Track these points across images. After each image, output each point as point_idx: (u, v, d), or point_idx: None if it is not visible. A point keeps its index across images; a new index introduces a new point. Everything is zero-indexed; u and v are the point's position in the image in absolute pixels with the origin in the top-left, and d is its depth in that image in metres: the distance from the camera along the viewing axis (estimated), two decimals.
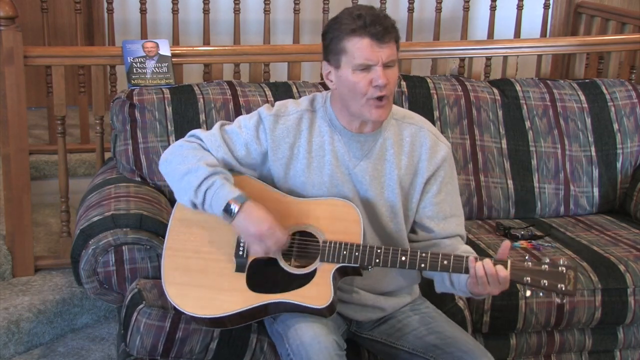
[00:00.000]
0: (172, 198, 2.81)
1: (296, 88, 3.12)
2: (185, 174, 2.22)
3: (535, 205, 3.22)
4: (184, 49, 3.36)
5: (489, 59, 3.93)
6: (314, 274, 2.16)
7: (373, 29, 2.09)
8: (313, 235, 2.21)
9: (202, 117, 2.98)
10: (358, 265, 2.16)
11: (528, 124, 3.25)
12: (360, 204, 2.26)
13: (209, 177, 2.19)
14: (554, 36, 4.75)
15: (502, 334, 2.71)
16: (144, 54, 3.17)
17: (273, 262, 2.20)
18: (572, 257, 2.82)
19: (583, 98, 3.33)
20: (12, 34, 3.13)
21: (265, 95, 3.07)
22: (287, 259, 2.22)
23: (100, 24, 4.69)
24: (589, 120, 3.30)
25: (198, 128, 2.91)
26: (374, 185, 2.26)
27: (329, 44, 2.18)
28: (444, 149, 2.29)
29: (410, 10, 4.60)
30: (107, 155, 3.23)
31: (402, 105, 3.13)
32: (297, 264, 2.21)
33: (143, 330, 2.31)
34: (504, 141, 3.23)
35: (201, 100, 3.00)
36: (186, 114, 2.98)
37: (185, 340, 2.32)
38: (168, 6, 4.40)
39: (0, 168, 3.55)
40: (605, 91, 3.36)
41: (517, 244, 2.94)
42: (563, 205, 3.24)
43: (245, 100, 3.03)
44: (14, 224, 3.30)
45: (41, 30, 4.28)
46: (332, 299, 2.12)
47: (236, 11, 4.40)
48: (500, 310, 2.63)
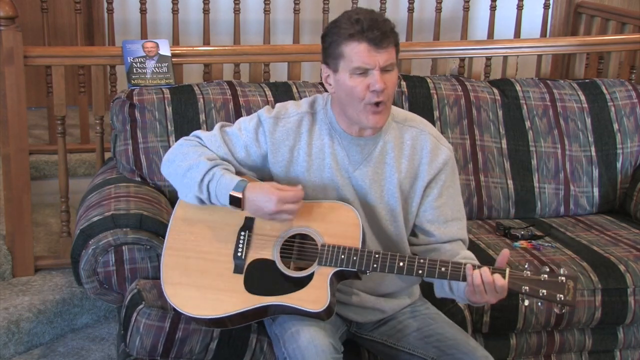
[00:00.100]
0: (172, 198, 2.83)
1: (296, 88, 3.12)
2: (187, 170, 2.23)
3: (535, 205, 3.22)
4: (184, 49, 3.36)
5: (489, 59, 3.93)
6: (311, 277, 2.16)
7: (371, 34, 2.08)
8: (312, 238, 2.21)
9: (202, 117, 2.98)
10: (356, 269, 2.15)
11: (528, 124, 3.25)
12: (360, 207, 2.25)
13: (210, 170, 2.20)
14: (554, 36, 4.75)
15: (502, 334, 2.71)
16: (144, 54, 3.17)
17: (271, 264, 2.20)
18: (572, 257, 2.82)
19: (583, 98, 3.33)
20: (12, 34, 3.13)
21: (265, 95, 3.06)
22: (287, 261, 2.21)
23: (100, 24, 4.69)
24: (589, 120, 3.30)
25: (198, 128, 2.94)
26: (374, 189, 2.25)
27: (327, 47, 2.17)
28: (445, 153, 2.27)
29: (410, 10, 4.60)
30: (107, 155, 3.23)
31: (402, 106, 3.13)
32: (296, 266, 2.20)
33: (143, 330, 2.31)
34: (504, 141, 3.22)
35: (201, 100, 3.00)
36: (186, 114, 2.98)
37: (185, 340, 2.32)
38: (168, 6, 4.40)
39: (0, 168, 3.55)
40: (605, 91, 3.36)
41: (517, 244, 2.94)
42: (563, 205, 3.24)
43: (245, 100, 3.03)
44: (14, 224, 3.30)
45: (41, 30, 4.28)
46: (329, 303, 2.11)
47: (236, 11, 4.40)
48: (500, 310, 2.63)
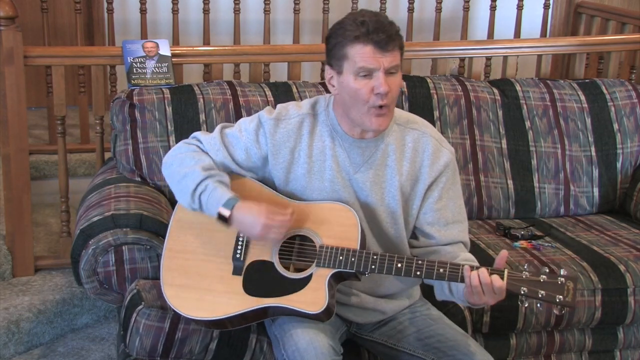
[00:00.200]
0: (172, 198, 2.82)
1: (296, 88, 3.12)
2: (183, 178, 2.23)
3: (535, 205, 3.22)
4: (184, 49, 3.36)
5: (489, 59, 3.93)
6: (309, 278, 2.15)
7: (376, 37, 2.07)
8: (311, 239, 2.21)
9: (202, 117, 2.98)
10: (354, 271, 2.14)
11: (528, 124, 3.25)
12: (360, 209, 2.25)
13: (203, 181, 2.20)
14: (554, 36, 4.75)
15: (502, 334, 2.71)
16: (144, 54, 3.17)
17: (270, 266, 2.20)
18: (572, 257, 2.82)
19: (583, 98, 3.33)
20: (12, 34, 3.13)
21: (265, 95, 3.06)
22: (286, 262, 2.21)
23: (100, 24, 4.69)
24: (589, 120, 3.30)
25: (198, 128, 2.95)
26: (375, 191, 2.24)
27: (332, 49, 2.15)
28: (446, 155, 2.26)
29: (410, 10, 4.60)
30: (107, 155, 3.23)
31: (402, 106, 3.13)
32: (296, 267, 2.20)
33: (142, 331, 2.31)
34: (504, 141, 3.22)
35: (201, 100, 3.00)
36: (186, 114, 2.97)
37: (184, 340, 2.32)
38: (168, 6, 4.40)
39: (0, 168, 3.55)
40: (605, 91, 3.36)
41: (517, 244, 2.94)
42: (563, 205, 3.24)
43: (245, 100, 3.03)
44: (14, 224, 3.30)
45: (41, 30, 4.28)
46: (327, 305, 2.10)
47: (236, 11, 4.41)
48: (500, 310, 2.63)
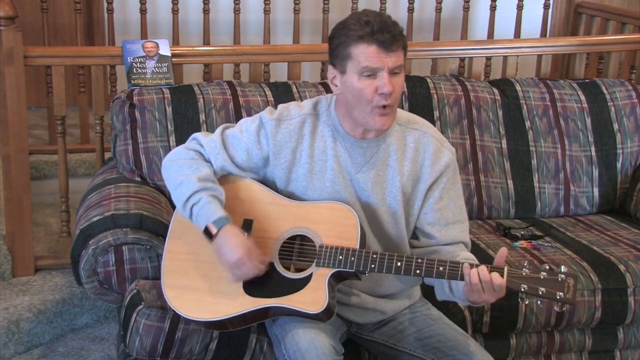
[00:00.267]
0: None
1: (296, 88, 3.12)
2: (178, 185, 2.24)
3: (535, 205, 3.22)
4: (184, 49, 3.36)
5: (489, 59, 3.93)
6: (309, 278, 2.15)
7: (381, 37, 2.07)
8: (310, 239, 2.20)
9: (202, 117, 2.98)
10: (353, 270, 2.14)
11: (528, 124, 3.25)
12: (361, 209, 2.25)
13: (197, 193, 2.20)
14: (554, 36, 4.75)
15: (502, 334, 2.71)
16: (144, 54, 3.17)
17: (270, 266, 2.20)
18: (572, 257, 2.82)
19: (583, 98, 3.33)
20: (12, 34, 3.13)
21: (265, 95, 3.06)
22: (286, 262, 2.21)
23: (100, 24, 4.69)
24: (589, 120, 3.30)
25: (198, 128, 2.95)
26: (376, 192, 2.25)
27: (335, 48, 2.15)
28: (447, 155, 2.27)
29: (410, 10, 4.60)
30: (107, 155, 3.23)
31: (402, 106, 3.13)
32: (296, 268, 2.20)
33: (142, 331, 2.31)
34: (504, 141, 3.22)
35: (201, 100, 3.00)
36: (186, 114, 2.97)
37: (184, 340, 2.32)
38: (168, 6, 4.40)
39: (0, 168, 3.55)
40: (605, 91, 3.36)
41: (517, 244, 2.94)
42: (563, 205, 3.24)
43: (245, 100, 3.03)
44: (14, 224, 3.30)
45: (41, 30, 4.28)
46: (327, 304, 2.10)
47: (236, 11, 4.41)
48: (501, 310, 2.63)
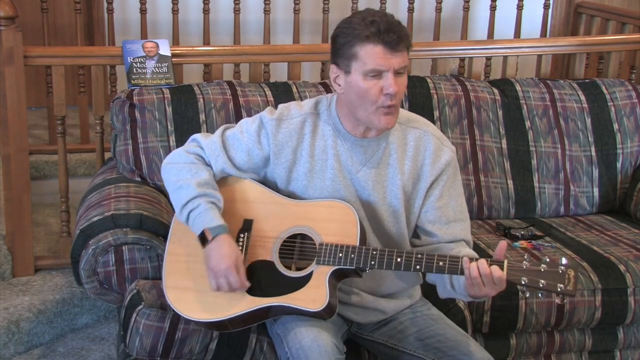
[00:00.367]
0: None
1: (296, 88, 3.12)
2: (177, 189, 2.25)
3: (535, 205, 3.22)
4: (184, 49, 3.36)
5: (489, 59, 3.93)
6: (310, 276, 2.16)
7: (387, 37, 2.06)
8: (311, 237, 2.21)
9: (202, 117, 2.98)
10: (354, 267, 2.14)
11: (528, 124, 3.25)
12: (362, 208, 2.25)
13: (195, 199, 2.20)
14: (554, 36, 4.75)
15: (502, 334, 2.71)
16: (144, 54, 3.17)
17: (270, 266, 2.20)
18: (572, 257, 2.82)
19: (583, 98, 3.33)
20: (12, 34, 3.13)
21: (265, 95, 3.06)
22: (287, 261, 2.21)
23: (100, 24, 4.69)
24: (589, 120, 3.30)
25: (198, 128, 2.95)
26: (377, 190, 2.25)
27: (339, 48, 2.14)
28: (447, 154, 2.27)
29: (410, 10, 4.60)
30: (107, 155, 3.23)
31: (403, 105, 3.13)
32: (297, 266, 2.20)
33: (142, 331, 2.31)
34: (504, 141, 3.22)
35: (201, 100, 3.00)
36: (186, 114, 2.97)
37: (184, 340, 2.32)
38: (168, 6, 4.40)
39: (0, 168, 3.55)
40: (605, 91, 3.36)
41: (517, 244, 2.94)
42: (563, 205, 3.24)
43: (245, 100, 3.03)
44: (14, 224, 3.30)
45: (41, 30, 4.28)
46: (328, 302, 2.11)
47: (236, 11, 4.41)
48: (500, 310, 2.63)
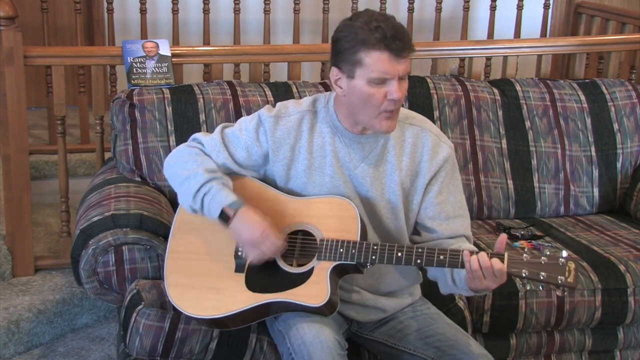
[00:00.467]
0: (172, 198, 2.83)
1: (296, 88, 3.12)
2: (185, 180, 2.24)
3: (535, 205, 3.22)
4: (184, 49, 3.36)
5: (489, 59, 3.93)
6: (311, 272, 2.16)
7: (393, 44, 2.06)
8: (311, 233, 2.21)
9: (202, 117, 2.98)
10: (354, 262, 2.15)
11: (528, 124, 3.25)
12: (360, 204, 2.25)
13: (207, 183, 2.20)
14: (554, 36, 4.75)
15: (502, 334, 2.71)
16: (144, 54, 3.17)
17: (272, 262, 2.21)
18: (572, 257, 2.82)
19: (583, 98, 3.33)
20: (12, 34, 3.13)
21: (265, 95, 3.06)
22: (289, 258, 2.22)
23: (100, 24, 4.69)
24: (589, 120, 3.30)
25: (198, 128, 2.95)
26: (375, 187, 2.25)
27: (342, 52, 2.13)
28: (445, 150, 2.28)
29: (410, 10, 4.60)
30: (107, 155, 3.24)
31: (402, 105, 3.12)
32: (298, 263, 2.21)
33: (142, 330, 2.31)
34: (504, 141, 3.22)
35: (201, 100, 3.00)
36: (186, 114, 2.98)
37: (184, 340, 2.32)
38: (168, 6, 4.40)
39: (0, 168, 3.55)
40: (605, 91, 3.36)
41: (517, 244, 2.94)
42: (563, 205, 3.24)
43: (245, 100, 3.03)
44: (14, 224, 3.30)
45: (41, 30, 4.28)
46: (329, 297, 2.11)
47: (236, 11, 4.41)
48: (500, 310, 2.63)
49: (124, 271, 2.49)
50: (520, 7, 4.71)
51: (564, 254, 2.02)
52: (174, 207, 2.42)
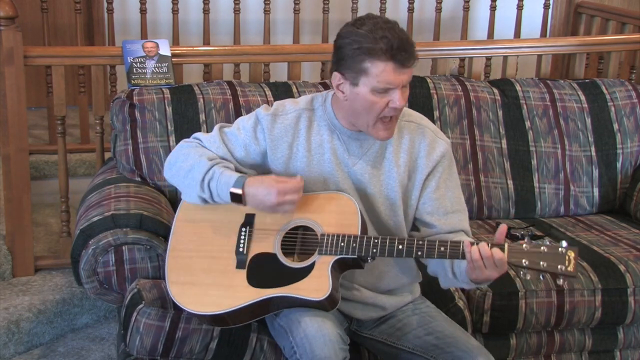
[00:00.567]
0: (172, 198, 2.83)
1: (296, 88, 3.12)
2: (189, 171, 2.25)
3: (535, 205, 3.22)
4: (184, 49, 3.36)
5: (489, 59, 3.93)
6: (312, 266, 2.17)
7: (399, 55, 2.07)
8: (312, 229, 2.22)
9: (202, 117, 2.98)
10: (356, 256, 2.16)
11: (528, 124, 3.25)
12: (359, 201, 2.26)
13: (210, 169, 2.22)
14: (554, 36, 4.75)
15: (502, 334, 2.71)
16: (144, 54, 3.17)
17: (273, 257, 2.21)
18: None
19: (583, 98, 3.33)
20: (12, 34, 3.13)
21: (265, 95, 3.07)
22: (290, 254, 2.22)
23: (100, 24, 4.69)
24: (589, 120, 3.30)
25: (198, 128, 2.95)
26: (373, 183, 2.27)
27: (345, 59, 2.13)
28: (442, 145, 2.29)
29: (410, 10, 4.60)
30: (107, 155, 3.24)
31: None
32: (300, 259, 2.21)
33: (143, 330, 2.31)
34: (504, 141, 3.22)
35: (201, 100, 3.00)
36: (186, 114, 2.98)
37: (185, 339, 2.32)
38: (168, 6, 4.40)
39: (0, 168, 3.55)
40: (605, 91, 3.36)
41: (517, 244, 2.93)
42: (563, 205, 3.24)
43: (245, 100, 3.03)
44: (14, 224, 3.30)
45: (41, 30, 4.28)
46: (331, 291, 2.12)
47: (236, 11, 4.41)
48: (500, 310, 2.63)
49: (124, 271, 2.49)
50: (520, 7, 4.71)
51: (564, 243, 2.03)
52: (174, 207, 2.42)
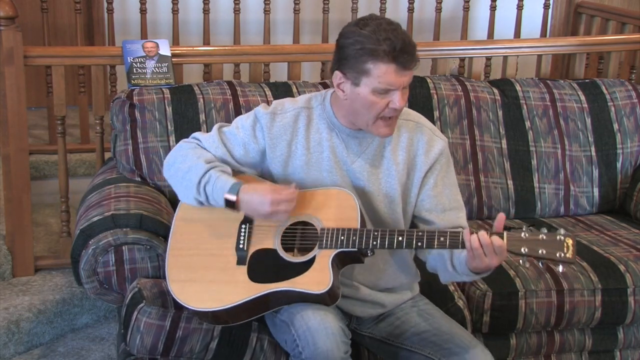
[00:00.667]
0: (172, 198, 2.83)
1: (296, 88, 3.12)
2: (186, 173, 2.26)
3: (535, 205, 3.22)
4: (184, 49, 3.36)
5: (489, 59, 3.93)
6: (313, 260, 2.17)
7: (401, 57, 2.09)
8: (312, 224, 2.23)
9: (202, 117, 2.98)
10: (356, 249, 2.16)
11: (528, 124, 3.25)
12: (358, 198, 2.26)
13: (206, 173, 2.22)
14: (554, 36, 4.75)
15: (502, 334, 2.71)
16: (144, 54, 3.17)
17: (273, 253, 2.22)
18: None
19: (583, 98, 3.33)
20: (12, 34, 3.13)
21: (265, 95, 3.07)
22: (290, 249, 2.23)
23: (100, 24, 4.69)
24: (589, 120, 3.30)
25: (198, 128, 2.95)
26: (372, 181, 2.28)
27: (347, 59, 2.14)
28: (440, 143, 2.31)
29: (410, 10, 4.60)
30: (107, 155, 3.24)
31: None
32: (300, 254, 2.22)
33: (143, 329, 2.31)
34: (504, 141, 3.23)
35: (201, 100, 3.00)
36: (186, 114, 2.98)
37: (185, 339, 2.32)
38: (168, 6, 4.40)
39: (0, 168, 3.55)
40: (605, 91, 3.36)
41: None
42: (563, 205, 3.24)
43: (245, 100, 3.03)
44: (14, 224, 3.30)
45: (41, 30, 4.28)
46: (332, 284, 2.12)
47: (236, 11, 4.41)
48: (500, 310, 2.63)
49: (124, 271, 2.49)
50: (520, 7, 4.71)
51: (562, 231, 2.05)
52: (174, 207, 2.42)
